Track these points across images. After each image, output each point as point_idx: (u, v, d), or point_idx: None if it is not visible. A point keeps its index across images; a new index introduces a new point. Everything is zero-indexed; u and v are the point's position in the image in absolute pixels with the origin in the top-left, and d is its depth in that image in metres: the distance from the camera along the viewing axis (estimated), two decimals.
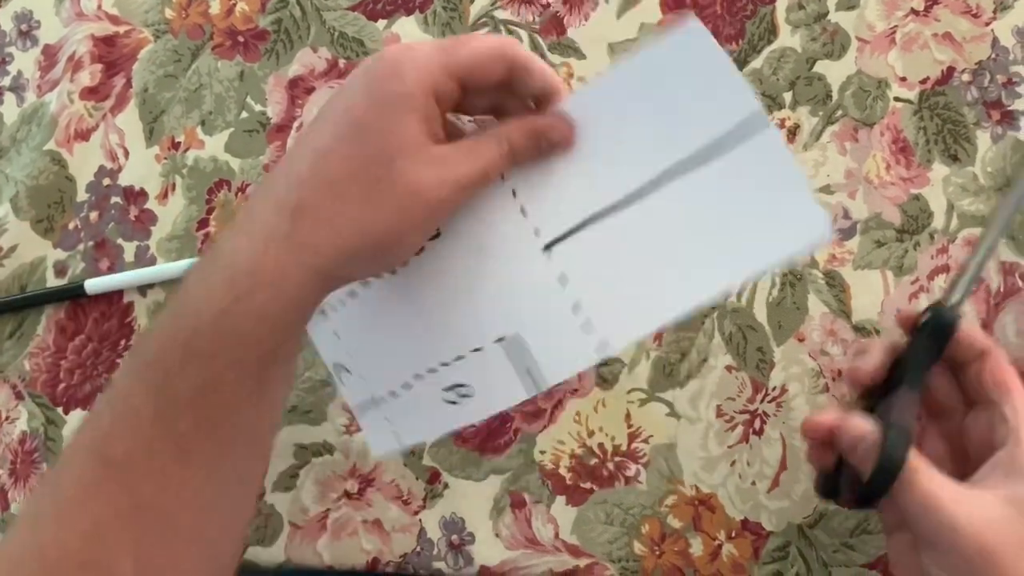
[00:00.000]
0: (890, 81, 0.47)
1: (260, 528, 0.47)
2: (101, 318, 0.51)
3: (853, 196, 0.46)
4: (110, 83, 0.54)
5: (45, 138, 0.54)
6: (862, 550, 0.42)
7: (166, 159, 0.52)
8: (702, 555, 0.43)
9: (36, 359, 0.51)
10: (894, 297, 0.44)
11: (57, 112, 0.54)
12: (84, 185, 0.53)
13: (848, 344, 0.44)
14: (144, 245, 0.52)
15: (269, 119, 0.52)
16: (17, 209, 0.53)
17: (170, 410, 0.32)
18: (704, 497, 0.44)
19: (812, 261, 0.45)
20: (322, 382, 0.48)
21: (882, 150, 0.46)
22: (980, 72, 0.46)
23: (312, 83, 0.52)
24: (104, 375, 0.50)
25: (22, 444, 0.51)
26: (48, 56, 0.56)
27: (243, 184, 0.51)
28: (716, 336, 0.45)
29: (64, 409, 0.50)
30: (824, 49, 0.48)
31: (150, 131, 0.53)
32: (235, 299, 0.32)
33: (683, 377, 0.45)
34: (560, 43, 0.50)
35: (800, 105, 0.47)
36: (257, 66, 0.53)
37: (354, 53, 0.52)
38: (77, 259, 0.52)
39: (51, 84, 0.55)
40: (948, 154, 0.46)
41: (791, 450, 0.44)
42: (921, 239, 0.45)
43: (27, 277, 0.53)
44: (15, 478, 0.50)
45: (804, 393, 0.44)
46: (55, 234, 0.53)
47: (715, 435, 0.44)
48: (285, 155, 0.37)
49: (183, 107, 0.53)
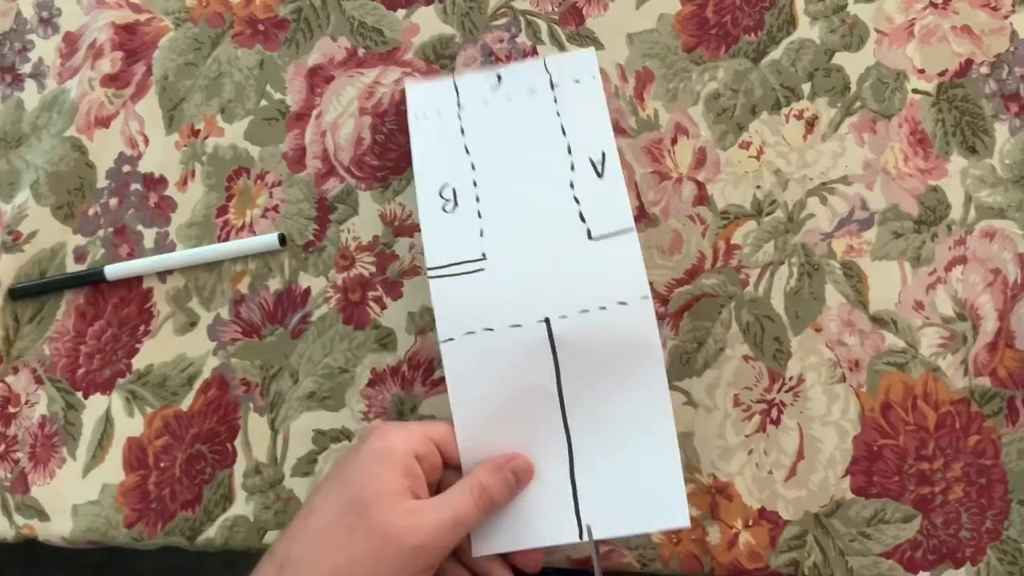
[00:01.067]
0: (908, 73, 0.47)
1: (279, 513, 0.47)
2: (120, 303, 0.51)
3: (871, 187, 0.46)
4: (130, 71, 0.54)
5: (65, 125, 0.54)
6: (879, 539, 0.42)
7: (186, 146, 0.53)
8: (719, 543, 0.44)
9: (56, 344, 0.52)
10: (911, 288, 0.45)
11: (78, 99, 0.54)
12: (104, 172, 0.53)
13: (865, 335, 0.44)
14: (163, 232, 0.52)
15: (288, 107, 0.52)
16: (38, 195, 0.54)
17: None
18: (721, 486, 0.44)
19: (830, 251, 0.45)
20: (340, 368, 0.48)
21: (900, 142, 0.46)
22: (998, 65, 0.46)
23: (331, 72, 0.52)
24: (123, 360, 0.51)
25: (42, 428, 0.51)
26: (69, 43, 0.56)
27: (262, 172, 0.51)
28: (733, 325, 0.46)
29: (84, 394, 0.51)
30: (843, 41, 0.48)
31: (170, 118, 0.53)
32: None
33: (700, 366, 0.45)
34: (579, 33, 0.50)
35: (818, 96, 0.47)
36: (277, 55, 0.53)
37: (373, 43, 0.52)
38: (97, 245, 0.52)
39: (72, 71, 0.55)
40: (966, 146, 0.46)
41: (808, 439, 0.44)
42: (939, 230, 0.45)
43: (47, 262, 0.53)
44: (35, 462, 0.50)
45: (821, 383, 0.44)
46: (75, 220, 0.53)
47: (732, 424, 0.45)
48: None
49: (203, 95, 0.53)
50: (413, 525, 0.38)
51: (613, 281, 0.43)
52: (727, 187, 0.47)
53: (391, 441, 0.40)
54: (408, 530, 0.38)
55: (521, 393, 0.43)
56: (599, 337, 0.43)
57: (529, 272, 0.44)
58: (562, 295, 0.43)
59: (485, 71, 0.49)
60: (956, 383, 0.43)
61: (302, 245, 0.50)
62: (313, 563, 0.38)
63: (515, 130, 0.48)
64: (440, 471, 0.42)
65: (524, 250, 0.45)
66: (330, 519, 0.39)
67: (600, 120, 0.47)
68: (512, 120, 0.48)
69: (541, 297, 0.44)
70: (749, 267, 0.46)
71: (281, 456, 0.48)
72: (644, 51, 0.49)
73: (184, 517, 0.48)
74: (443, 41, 0.51)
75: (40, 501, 0.50)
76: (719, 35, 0.49)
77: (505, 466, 0.41)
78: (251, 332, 0.50)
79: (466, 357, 0.43)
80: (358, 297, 0.49)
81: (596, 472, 0.42)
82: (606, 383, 0.42)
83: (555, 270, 0.44)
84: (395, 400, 0.48)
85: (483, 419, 0.43)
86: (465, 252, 0.45)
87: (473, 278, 0.45)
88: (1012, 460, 0.42)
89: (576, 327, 0.43)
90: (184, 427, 0.49)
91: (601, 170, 0.45)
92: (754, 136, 0.47)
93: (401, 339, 0.48)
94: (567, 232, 0.44)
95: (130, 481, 0.49)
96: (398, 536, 0.38)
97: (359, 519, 0.38)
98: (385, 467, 0.39)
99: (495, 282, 0.44)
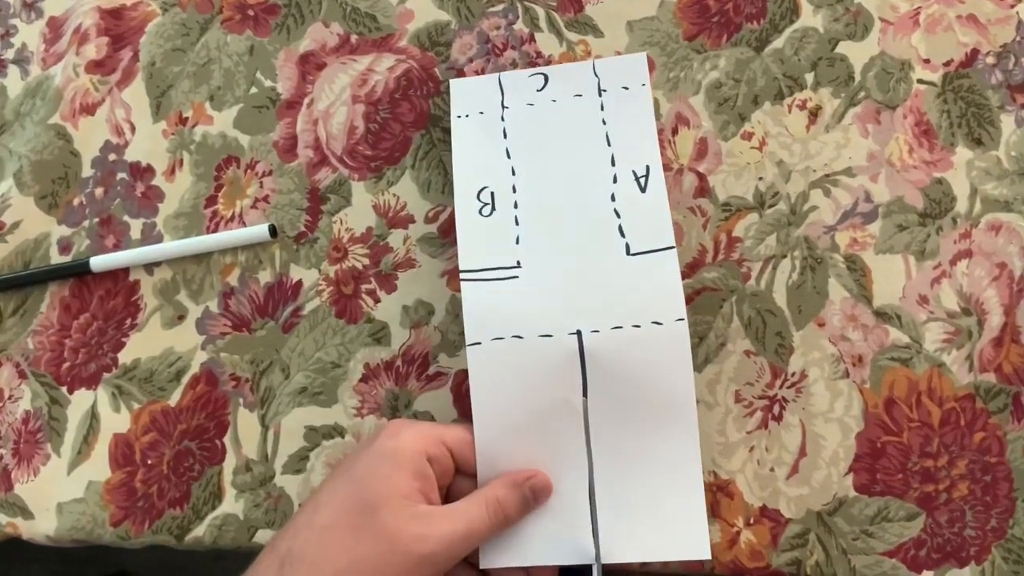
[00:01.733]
0: (913, 63, 0.46)
1: (270, 512, 0.46)
2: (106, 296, 0.50)
3: (875, 179, 0.45)
4: (117, 56, 0.53)
5: (50, 112, 0.53)
6: (882, 538, 0.42)
7: (173, 135, 0.51)
8: (720, 542, 0.43)
9: (40, 337, 0.50)
10: (916, 282, 0.44)
11: (62, 86, 0.53)
12: (89, 160, 0.52)
13: (869, 329, 0.44)
14: (151, 222, 0.51)
15: (279, 95, 0.51)
16: (21, 184, 0.52)
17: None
18: (722, 483, 0.43)
19: (833, 245, 0.45)
20: (332, 363, 0.47)
21: (905, 133, 0.45)
22: (1005, 55, 0.46)
23: (323, 59, 0.51)
24: (109, 354, 0.49)
25: (25, 423, 0.50)
26: (53, 29, 0.54)
27: (252, 161, 0.50)
28: (735, 320, 0.45)
29: (68, 388, 0.49)
30: (847, 30, 0.47)
31: (157, 106, 0.52)
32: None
33: (701, 361, 0.45)
34: (577, 20, 0.49)
35: (822, 86, 0.46)
36: (267, 41, 0.52)
37: (366, 28, 0.51)
38: (82, 236, 0.51)
39: (56, 57, 0.54)
40: (972, 137, 0.45)
41: (810, 436, 0.43)
42: (944, 223, 0.44)
43: (31, 254, 0.51)
44: (18, 458, 0.49)
45: (824, 379, 0.43)
46: (59, 210, 0.52)
47: (733, 421, 0.44)
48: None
49: (191, 82, 0.52)
50: (423, 533, 0.37)
51: (649, 299, 0.42)
52: (729, 178, 0.46)
53: (402, 440, 0.39)
54: (417, 537, 0.37)
55: (545, 405, 0.41)
56: (630, 355, 0.41)
57: (563, 283, 0.43)
58: (596, 309, 0.42)
59: (531, 70, 0.48)
60: (961, 379, 0.43)
61: (293, 237, 0.49)
62: (316, 562, 0.37)
63: (559, 136, 0.46)
64: (452, 476, 0.41)
65: (560, 260, 0.44)
66: (336, 518, 0.38)
67: (647, 131, 0.45)
68: (556, 124, 0.46)
69: (574, 309, 0.42)
70: (751, 260, 0.45)
71: (272, 453, 0.47)
72: (644, 39, 0.48)
73: (172, 515, 0.47)
74: (438, 27, 0.50)
75: (24, 499, 0.49)
76: (721, 23, 0.48)
77: (524, 483, 0.40)
78: (241, 326, 0.49)
79: (492, 363, 0.42)
80: (351, 290, 0.48)
81: (616, 494, 0.41)
82: (634, 402, 0.41)
83: (590, 283, 0.43)
84: (389, 396, 0.47)
85: (504, 428, 0.42)
86: (500, 258, 0.44)
87: (506, 284, 0.43)
88: (1018, 457, 0.42)
89: (608, 343, 0.42)
90: (172, 423, 0.48)
91: (644, 185, 0.44)
92: (756, 127, 0.46)
93: (395, 333, 0.47)
94: (605, 245, 0.43)
95: (116, 478, 0.48)
96: (406, 543, 0.37)
97: (367, 520, 0.37)
98: (395, 467, 0.38)
99: (528, 290, 0.43)
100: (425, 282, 0.47)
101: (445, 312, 0.47)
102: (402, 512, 0.37)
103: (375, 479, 0.38)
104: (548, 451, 0.41)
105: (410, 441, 0.39)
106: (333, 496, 0.38)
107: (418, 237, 0.48)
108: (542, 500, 0.41)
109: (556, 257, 0.44)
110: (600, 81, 0.47)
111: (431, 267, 0.47)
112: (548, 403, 0.41)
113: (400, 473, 0.38)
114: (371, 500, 0.37)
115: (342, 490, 0.38)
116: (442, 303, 0.47)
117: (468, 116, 0.47)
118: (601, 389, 0.41)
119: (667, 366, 0.41)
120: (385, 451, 0.39)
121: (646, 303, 0.42)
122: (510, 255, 0.44)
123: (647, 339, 0.41)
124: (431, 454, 0.39)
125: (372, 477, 0.38)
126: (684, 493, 0.40)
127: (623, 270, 0.43)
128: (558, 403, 0.41)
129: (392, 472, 0.38)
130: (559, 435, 0.41)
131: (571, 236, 0.44)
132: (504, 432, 0.41)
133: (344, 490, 0.38)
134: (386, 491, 0.37)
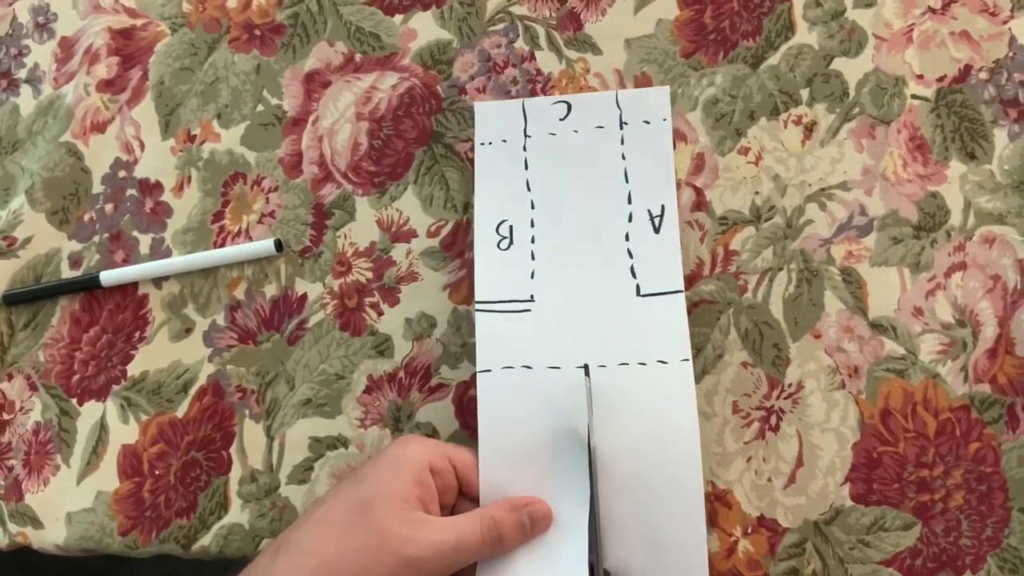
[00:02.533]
0: (907, 79, 0.47)
1: (275, 521, 0.47)
2: (116, 310, 0.51)
3: (870, 193, 0.46)
4: (126, 76, 0.54)
5: (61, 130, 0.54)
6: (879, 547, 0.42)
7: (182, 152, 0.53)
8: (718, 551, 0.43)
9: (51, 350, 0.51)
10: (911, 294, 0.44)
11: (73, 104, 0.54)
12: (100, 177, 0.53)
13: (864, 341, 0.44)
14: (159, 237, 0.52)
15: (285, 112, 0.52)
16: (33, 201, 0.53)
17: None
18: (720, 493, 0.44)
19: (828, 257, 0.45)
20: (336, 375, 0.48)
21: (899, 147, 0.46)
22: (997, 71, 0.46)
23: (328, 77, 0.52)
24: (118, 366, 0.50)
25: (36, 435, 0.51)
26: (65, 48, 0.56)
27: (259, 177, 0.51)
28: (732, 332, 0.45)
29: (78, 400, 0.50)
30: (841, 46, 0.48)
31: (166, 124, 0.53)
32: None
33: (698, 373, 0.45)
34: (576, 38, 0.50)
35: (817, 102, 0.47)
36: (274, 60, 0.53)
37: (371, 48, 0.52)
38: (92, 251, 0.52)
39: (67, 76, 0.55)
40: (965, 152, 0.46)
41: (807, 447, 0.44)
42: (938, 236, 0.45)
43: (42, 268, 0.53)
44: (29, 469, 0.50)
45: (820, 390, 0.44)
46: (70, 226, 0.53)
47: (731, 431, 0.44)
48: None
49: (199, 100, 0.53)
50: (413, 536, 0.37)
51: (656, 339, 0.43)
52: (725, 193, 0.47)
53: (409, 450, 0.40)
54: (406, 539, 0.37)
55: (550, 435, 0.42)
56: (635, 392, 0.42)
57: (574, 319, 0.44)
58: (604, 346, 0.43)
59: (554, 97, 0.49)
60: (956, 390, 0.43)
61: (298, 251, 0.50)
62: (306, 551, 0.37)
63: (578, 170, 0.47)
64: (455, 494, 0.42)
65: (572, 297, 0.45)
66: (333, 512, 0.39)
67: (664, 169, 0.46)
68: (577, 158, 0.47)
69: (583, 344, 0.43)
70: (748, 273, 0.46)
71: (277, 463, 0.48)
72: (642, 56, 0.49)
73: (179, 525, 0.48)
74: (440, 46, 0.51)
75: (34, 508, 0.50)
76: (717, 40, 0.49)
77: (523, 508, 0.41)
78: (247, 338, 0.49)
79: (501, 390, 0.43)
80: (355, 303, 0.49)
81: (616, 526, 0.41)
82: (637, 438, 0.42)
83: (600, 320, 0.44)
84: (392, 407, 0.47)
85: (509, 454, 0.42)
86: (514, 291, 0.45)
87: (519, 317, 0.45)
88: (1012, 467, 0.42)
89: (614, 378, 0.43)
90: (179, 434, 0.49)
91: (658, 225, 0.45)
92: (752, 142, 0.47)
93: (398, 345, 0.48)
94: (616, 285, 0.44)
95: (124, 488, 0.49)
96: (395, 542, 0.37)
97: (361, 517, 0.38)
98: (398, 472, 0.39)
99: (539, 324, 0.44)
100: (427, 295, 0.48)
101: (447, 324, 0.48)
102: (396, 514, 0.38)
103: (376, 481, 0.39)
104: (551, 479, 0.42)
105: (416, 451, 0.40)
106: (336, 495, 0.39)
107: (420, 251, 0.49)
108: (540, 528, 0.41)
109: (569, 294, 0.45)
110: (622, 113, 0.48)
111: (433, 280, 0.48)
112: (553, 433, 0.42)
113: (401, 477, 0.39)
114: (368, 499, 0.38)
115: (344, 489, 0.40)
116: (444, 316, 0.48)
117: (491, 144, 0.48)
118: (606, 423, 0.42)
119: (671, 404, 0.42)
120: (391, 457, 0.40)
121: (653, 343, 0.43)
122: (524, 289, 0.45)
123: (652, 377, 0.42)
124: (435, 466, 0.40)
125: (374, 479, 0.39)
126: (686, 530, 0.41)
127: (632, 310, 0.44)
128: (563, 433, 0.42)
129: (393, 475, 0.39)
130: (563, 464, 0.42)
131: (584, 274, 0.45)
132: (508, 458, 0.42)
133: (346, 489, 0.39)
134: (384, 492, 0.38)
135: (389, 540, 0.37)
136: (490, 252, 0.46)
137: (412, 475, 0.39)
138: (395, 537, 0.37)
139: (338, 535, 0.37)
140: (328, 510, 0.39)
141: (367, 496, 0.38)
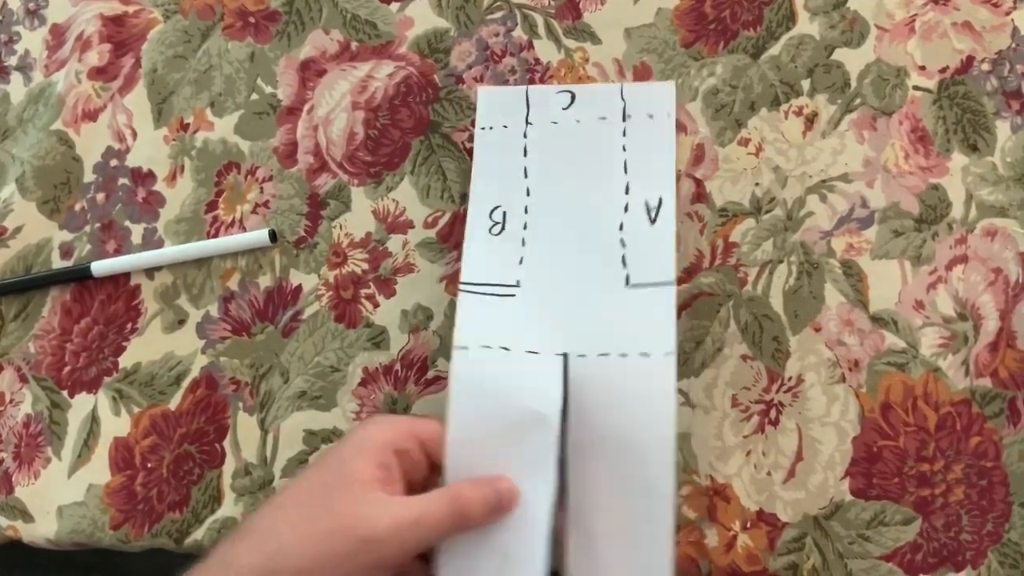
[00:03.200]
0: (909, 70, 0.46)
1: None
2: (107, 300, 0.50)
3: (871, 185, 0.45)
4: (119, 63, 0.54)
5: (52, 118, 0.53)
6: (878, 542, 0.42)
7: (175, 140, 0.52)
8: (717, 546, 0.43)
9: (41, 341, 0.51)
10: (911, 287, 0.44)
11: (64, 92, 0.53)
12: (91, 166, 0.53)
13: (865, 334, 0.44)
14: (152, 227, 0.51)
15: (280, 101, 0.51)
16: (23, 189, 0.53)
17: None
18: (719, 487, 0.43)
19: (829, 250, 0.45)
20: (331, 367, 0.47)
21: (901, 139, 0.46)
22: (1000, 62, 0.46)
23: (324, 65, 0.51)
24: (110, 358, 0.50)
25: (26, 427, 0.50)
26: (56, 35, 0.55)
27: (252, 167, 0.51)
28: (731, 325, 0.45)
29: (69, 392, 0.50)
30: (843, 37, 0.47)
31: (159, 112, 0.52)
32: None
33: (697, 366, 0.45)
34: (575, 27, 0.50)
35: (818, 93, 0.47)
36: (268, 47, 0.52)
37: (366, 35, 0.51)
38: (83, 241, 0.52)
39: (59, 64, 0.54)
40: (967, 144, 0.45)
41: (807, 440, 0.43)
42: (939, 229, 0.44)
43: (32, 258, 0.52)
44: (19, 462, 0.49)
45: (820, 383, 0.44)
46: (61, 215, 0.52)
47: (730, 425, 0.44)
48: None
49: (192, 88, 0.52)
50: (370, 515, 0.36)
51: (640, 331, 0.42)
52: (725, 184, 0.46)
53: (371, 431, 0.39)
54: (363, 518, 0.36)
55: (522, 418, 0.41)
56: (613, 383, 0.41)
57: (558, 306, 0.43)
58: (585, 335, 0.42)
59: (559, 87, 0.48)
60: (957, 384, 0.43)
61: (293, 241, 0.49)
62: (265, 535, 0.37)
63: (578, 158, 0.46)
64: (424, 470, 0.41)
65: (558, 284, 0.44)
66: (293, 498, 0.38)
67: (665, 164, 0.45)
68: (577, 146, 0.46)
69: (564, 332, 0.42)
70: (748, 265, 0.45)
71: (271, 457, 0.47)
72: (642, 46, 0.49)
73: (171, 519, 0.47)
74: (438, 35, 0.51)
75: (24, 502, 0.49)
76: (718, 30, 0.48)
77: (489, 484, 0.40)
78: (241, 330, 0.49)
79: (476, 369, 0.42)
80: (350, 294, 0.48)
81: (582, 517, 0.40)
82: (610, 430, 0.40)
83: (584, 309, 0.43)
84: (387, 399, 0.47)
85: (478, 434, 0.41)
86: (501, 276, 0.44)
87: (502, 301, 0.44)
88: (1014, 461, 0.42)
89: (592, 368, 0.41)
90: (172, 427, 0.48)
91: (655, 217, 0.44)
92: (753, 133, 0.47)
93: (394, 337, 0.47)
94: (605, 273, 0.43)
95: (116, 482, 0.48)
96: (350, 523, 0.36)
97: (318, 501, 0.37)
98: (358, 454, 0.38)
99: (522, 309, 0.43)
100: (424, 287, 0.48)
101: (444, 317, 0.47)
102: (354, 496, 0.37)
103: (338, 465, 0.38)
104: (518, 464, 0.41)
105: (379, 432, 0.39)
106: (299, 481, 0.39)
107: (417, 242, 0.48)
108: (507, 507, 0.40)
109: (556, 281, 0.44)
110: (626, 106, 0.47)
111: (430, 272, 0.48)
112: (525, 417, 0.41)
113: (361, 460, 0.38)
114: (328, 482, 0.38)
115: (307, 474, 0.39)
116: (441, 308, 0.47)
117: (492, 128, 0.48)
118: (580, 413, 0.41)
119: (649, 398, 0.40)
120: (353, 440, 0.39)
121: (637, 334, 0.41)
122: (511, 274, 0.44)
123: (632, 369, 0.41)
124: (399, 447, 0.39)
125: (336, 463, 0.38)
126: (651, 525, 0.39)
127: (619, 300, 0.43)
128: (535, 419, 0.41)
129: (354, 458, 0.38)
130: (532, 450, 0.41)
131: (573, 261, 0.44)
132: (477, 438, 0.41)
133: (308, 474, 0.39)
134: (345, 475, 0.37)
135: (345, 522, 0.36)
136: (481, 236, 0.45)
137: (374, 457, 0.38)
138: (351, 519, 0.36)
139: (296, 519, 0.37)
140: (288, 495, 0.38)
141: (328, 479, 0.38)
